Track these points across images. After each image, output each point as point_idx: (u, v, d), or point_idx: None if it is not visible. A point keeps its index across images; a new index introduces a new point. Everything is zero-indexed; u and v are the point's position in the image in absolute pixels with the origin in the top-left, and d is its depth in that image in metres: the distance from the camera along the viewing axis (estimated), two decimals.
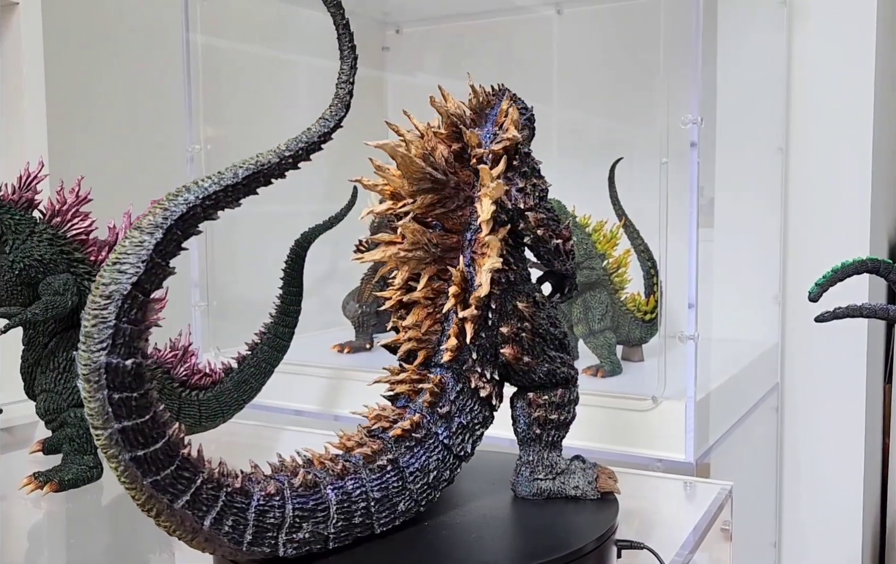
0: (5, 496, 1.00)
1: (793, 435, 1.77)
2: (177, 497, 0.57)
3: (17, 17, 1.32)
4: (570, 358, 0.79)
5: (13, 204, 0.97)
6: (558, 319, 0.79)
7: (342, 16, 0.67)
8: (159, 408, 0.56)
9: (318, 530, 0.64)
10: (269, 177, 0.63)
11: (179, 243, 0.58)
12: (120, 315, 0.54)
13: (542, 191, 0.79)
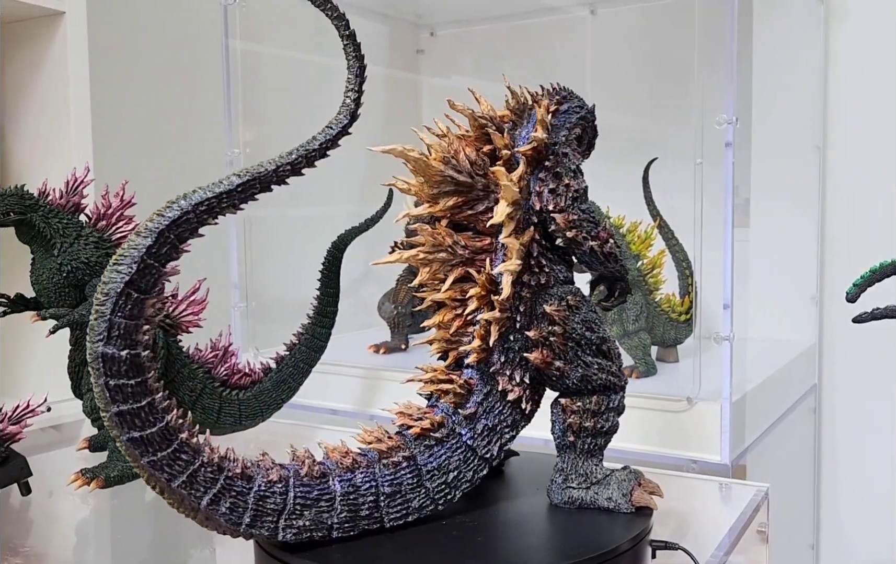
0: (54, 491, 1.03)
1: (831, 436, 1.75)
2: (174, 477, 0.62)
3: (64, 25, 1.35)
4: (614, 364, 0.76)
5: (61, 208, 1.00)
6: (596, 323, 0.76)
7: (346, 26, 0.69)
8: (157, 396, 0.62)
9: (320, 519, 0.67)
10: (267, 185, 0.66)
11: (175, 246, 0.62)
12: (115, 310, 0.60)
13: (576, 192, 0.76)
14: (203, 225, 0.64)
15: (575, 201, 0.76)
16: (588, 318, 0.75)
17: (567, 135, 0.79)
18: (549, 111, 0.78)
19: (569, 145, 0.79)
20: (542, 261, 0.75)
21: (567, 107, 0.81)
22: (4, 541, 0.91)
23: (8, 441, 0.97)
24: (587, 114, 0.82)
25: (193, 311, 1.07)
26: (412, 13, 1.96)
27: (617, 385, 0.76)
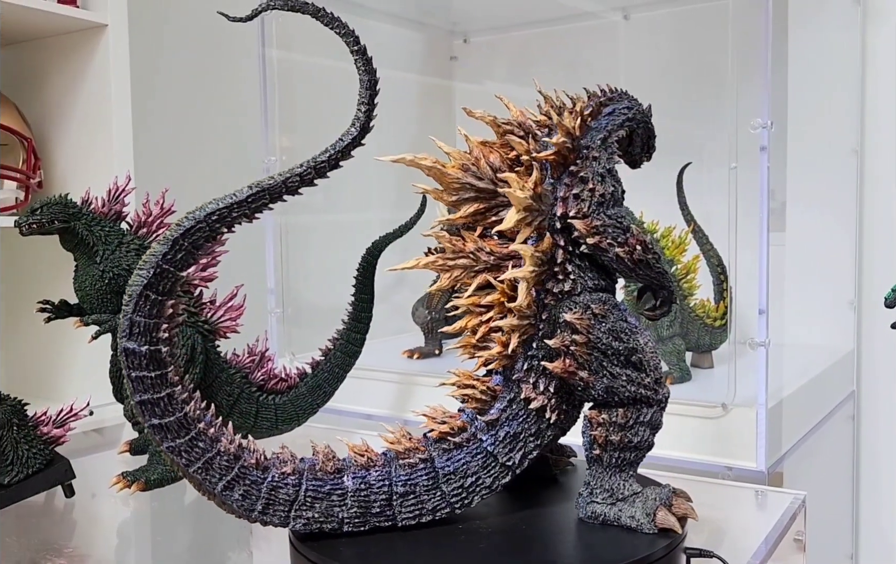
0: (96, 493, 1.05)
1: (870, 443, 1.73)
2: (191, 462, 0.69)
3: (106, 38, 1.38)
4: (648, 377, 0.73)
5: (103, 216, 1.02)
6: (627, 333, 0.73)
7: (356, 42, 0.71)
8: (177, 389, 0.68)
9: (331, 512, 0.71)
10: (277, 196, 0.70)
11: (190, 253, 0.68)
12: (135, 310, 0.66)
13: (601, 197, 0.74)
14: (217, 234, 0.68)
15: (601, 206, 0.74)
16: (616, 328, 0.73)
17: (605, 138, 0.77)
18: (581, 115, 0.76)
19: (605, 148, 0.76)
20: (567, 268, 0.74)
21: (612, 109, 0.79)
22: (49, 542, 0.93)
23: (53, 444, 0.99)
24: (636, 115, 0.80)
25: (231, 317, 1.09)
26: (446, 21, 1.97)
27: (651, 399, 0.73)
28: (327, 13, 0.71)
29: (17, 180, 1.38)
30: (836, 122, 1.71)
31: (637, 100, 0.82)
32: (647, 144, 0.84)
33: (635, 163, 0.85)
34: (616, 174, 0.77)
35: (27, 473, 0.96)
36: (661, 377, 0.74)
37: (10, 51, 1.53)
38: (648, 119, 0.82)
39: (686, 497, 0.75)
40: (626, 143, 0.81)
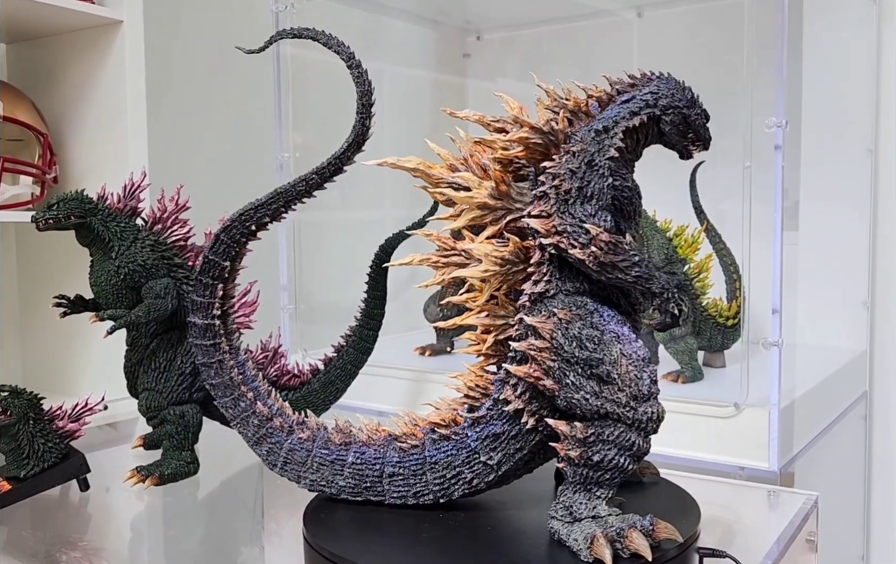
0: (110, 488, 1.06)
1: (882, 444, 1.72)
2: (233, 418, 0.86)
3: (121, 34, 1.39)
4: (619, 392, 0.67)
5: (118, 212, 1.03)
6: (594, 342, 0.68)
7: (351, 56, 0.80)
8: (226, 356, 0.86)
9: (332, 479, 0.80)
10: (290, 199, 0.84)
11: (229, 246, 0.84)
12: (195, 291, 0.86)
13: (566, 194, 0.70)
14: (249, 230, 0.84)
15: (565, 204, 0.71)
16: (582, 335, 0.68)
17: (607, 128, 0.72)
18: (580, 108, 0.74)
19: (600, 140, 0.72)
20: (543, 269, 0.72)
21: (630, 97, 0.74)
22: (64, 535, 0.94)
23: (68, 438, 1.00)
24: (660, 101, 0.73)
25: (244, 313, 1.09)
26: (460, 18, 1.97)
27: (620, 416, 0.67)
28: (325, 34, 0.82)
29: (33, 176, 1.39)
30: (851, 121, 1.70)
31: (674, 84, 0.75)
32: (686, 131, 0.75)
33: (683, 152, 0.76)
34: (601, 167, 0.71)
35: (43, 467, 0.97)
36: (644, 395, 0.68)
37: (27, 46, 1.54)
38: (684, 104, 0.74)
39: (669, 533, 0.68)
40: (650, 132, 0.74)
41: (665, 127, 0.74)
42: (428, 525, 0.75)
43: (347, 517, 0.78)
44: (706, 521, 0.75)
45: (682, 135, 0.75)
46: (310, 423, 0.83)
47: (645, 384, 0.68)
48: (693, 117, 0.74)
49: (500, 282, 0.73)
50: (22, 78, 1.52)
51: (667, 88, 0.74)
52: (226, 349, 0.86)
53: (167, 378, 1.03)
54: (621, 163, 0.73)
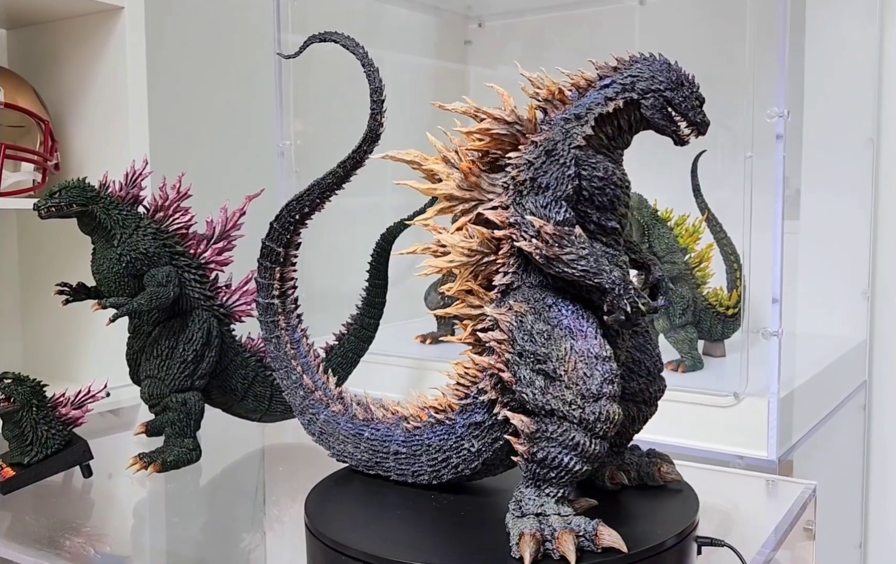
0: (113, 474, 1.06)
1: (881, 434, 1.73)
2: (285, 388, 0.92)
3: (122, 20, 1.38)
4: (567, 390, 0.65)
5: (120, 200, 1.03)
6: (546, 337, 0.67)
7: (366, 56, 0.85)
8: (283, 333, 0.93)
9: (352, 451, 0.84)
10: (323, 192, 0.92)
11: (281, 233, 0.92)
12: (258, 274, 0.94)
13: (520, 186, 0.70)
14: (295, 219, 0.92)
15: (519, 195, 0.70)
16: (534, 329, 0.67)
17: (579, 116, 0.70)
18: (554, 95, 0.72)
19: (564, 131, 0.70)
20: (510, 261, 0.71)
21: (609, 82, 0.71)
22: (67, 521, 0.94)
23: (71, 425, 1.00)
24: (637, 84, 0.70)
25: (246, 301, 1.10)
26: (461, 5, 1.96)
27: (565, 415, 0.65)
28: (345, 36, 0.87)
29: (35, 162, 1.39)
30: (853, 111, 1.70)
31: (657, 66, 0.71)
32: (672, 115, 0.71)
33: (675, 138, 0.72)
34: (561, 156, 0.69)
35: (46, 453, 0.98)
36: (593, 394, 0.65)
37: (27, 32, 1.53)
38: (665, 86, 0.70)
39: (612, 542, 0.65)
40: (632, 118, 0.71)
41: (645, 111, 0.70)
42: (428, 512, 0.76)
43: (349, 503, 0.79)
44: (705, 510, 0.76)
45: (667, 120, 0.71)
46: (345, 398, 0.87)
47: (594, 382, 0.65)
48: (678, 100, 0.70)
49: (472, 273, 0.73)
50: (22, 64, 1.51)
51: (648, 71, 0.71)
52: (283, 326, 0.93)
53: (169, 365, 1.03)
54: (593, 152, 0.70)
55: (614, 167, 0.71)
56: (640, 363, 0.77)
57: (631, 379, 0.76)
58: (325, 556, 0.70)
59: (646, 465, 0.80)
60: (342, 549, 0.68)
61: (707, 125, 0.72)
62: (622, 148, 0.73)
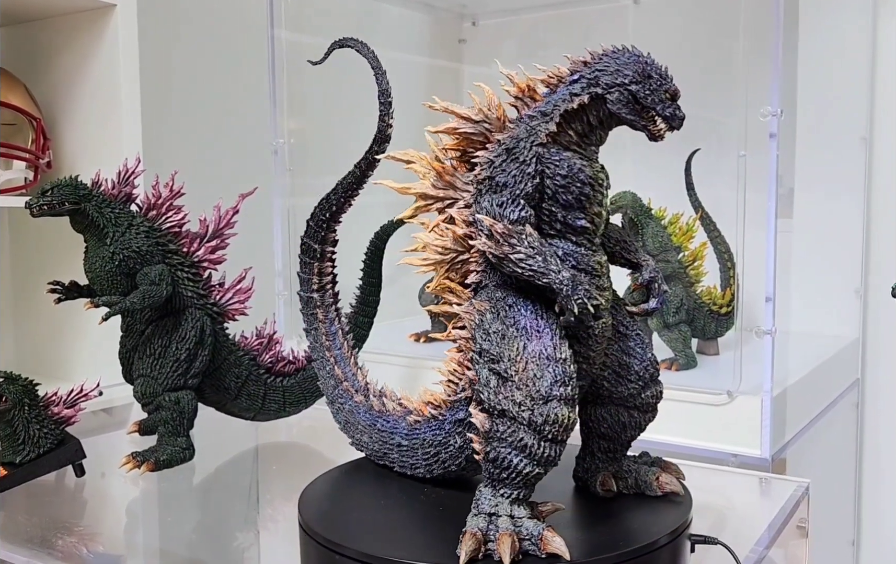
0: (105, 473, 1.06)
1: (873, 431, 1.73)
2: (321, 378, 0.95)
3: (115, 18, 1.38)
4: (518, 391, 0.65)
5: (113, 198, 1.03)
6: (501, 337, 0.67)
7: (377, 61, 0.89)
8: (321, 326, 0.96)
9: (367, 441, 0.87)
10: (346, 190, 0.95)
11: (316, 230, 0.95)
12: (300, 270, 0.97)
13: (480, 184, 0.70)
14: (325, 217, 0.95)
15: (480, 193, 0.70)
16: (491, 329, 0.68)
17: (544, 113, 0.70)
18: (524, 93, 0.72)
19: (528, 129, 0.70)
20: (480, 259, 0.72)
21: (577, 77, 0.70)
22: (60, 520, 0.94)
23: (63, 424, 1.00)
24: (602, 79, 0.68)
25: (240, 300, 1.10)
26: (455, 3, 1.96)
27: (515, 416, 0.65)
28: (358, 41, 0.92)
29: (27, 160, 1.39)
30: (846, 110, 1.70)
31: (624, 59, 0.69)
32: (640, 110, 0.69)
33: (648, 134, 0.70)
34: (522, 154, 0.69)
35: (38, 453, 0.97)
36: (542, 395, 0.64)
37: (19, 29, 1.53)
38: (630, 80, 0.68)
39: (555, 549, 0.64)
40: (600, 113, 0.69)
41: (611, 106, 0.68)
42: (420, 508, 0.76)
43: (342, 502, 0.79)
44: (698, 508, 0.76)
45: (636, 114, 0.69)
46: (370, 390, 0.90)
47: (544, 384, 0.64)
48: (644, 94, 0.68)
49: (448, 271, 0.73)
50: (14, 61, 1.51)
51: (615, 64, 0.69)
52: (321, 318, 0.95)
53: (162, 364, 1.03)
54: (559, 149, 0.69)
55: (584, 164, 0.70)
56: (628, 367, 0.75)
57: (619, 383, 0.75)
58: (319, 555, 0.70)
59: (644, 473, 0.78)
60: (336, 548, 0.68)
61: (680, 119, 0.69)
62: (595, 144, 0.72)
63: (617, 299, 0.76)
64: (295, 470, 1.12)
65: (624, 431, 0.77)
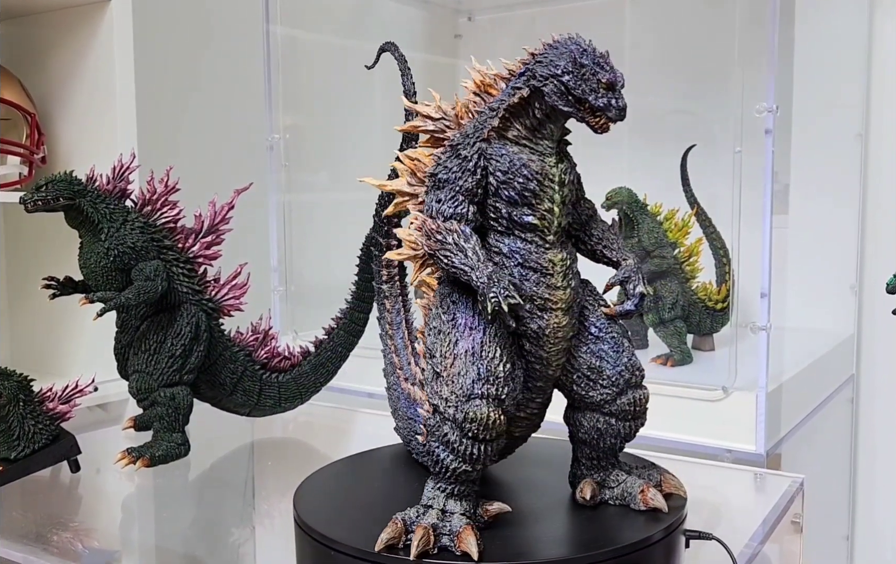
0: (101, 469, 1.06)
1: (868, 427, 1.74)
2: (385, 366, 0.95)
3: (109, 13, 1.37)
4: (445, 387, 0.66)
5: (108, 194, 1.03)
6: (442, 335, 0.68)
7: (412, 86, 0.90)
8: (387, 314, 0.95)
9: (401, 426, 0.91)
10: None
11: (379, 224, 0.95)
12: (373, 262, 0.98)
13: (427, 180, 0.71)
14: (383, 227, 0.95)
15: (427, 191, 0.71)
16: (436, 326, 0.69)
17: (490, 109, 0.70)
18: (480, 89, 0.72)
19: (475, 125, 0.70)
20: None
21: (524, 70, 0.69)
22: (55, 516, 0.94)
23: (58, 419, 1.00)
24: (538, 70, 0.67)
25: (235, 295, 1.09)
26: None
27: (442, 411, 0.66)
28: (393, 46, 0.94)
29: (21, 155, 1.38)
30: (842, 106, 1.71)
31: (559, 50, 0.67)
32: (575, 102, 0.66)
33: (590, 126, 0.67)
34: (464, 150, 0.69)
35: (33, 448, 0.97)
36: (465, 393, 0.65)
37: (14, 24, 1.52)
38: (562, 70, 0.66)
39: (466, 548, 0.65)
40: (544, 106, 0.68)
41: (548, 99, 0.67)
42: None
43: (338, 498, 0.79)
44: (693, 504, 0.76)
45: (572, 106, 0.67)
46: (416, 379, 0.88)
47: (467, 381, 0.65)
48: (575, 83, 0.66)
49: (420, 266, 0.72)
50: (9, 56, 1.50)
51: (553, 55, 0.67)
52: (388, 308, 0.96)
53: (157, 360, 1.03)
54: (505, 144, 0.69)
55: (531, 158, 0.68)
56: (600, 371, 0.72)
57: (590, 387, 0.72)
58: (315, 550, 0.70)
59: (630, 485, 0.74)
60: (331, 544, 0.68)
61: (617, 109, 0.66)
62: (549, 138, 0.69)
63: (595, 299, 0.74)
64: (290, 466, 1.12)
65: (602, 438, 0.73)
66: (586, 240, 0.74)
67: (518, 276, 0.69)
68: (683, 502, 0.75)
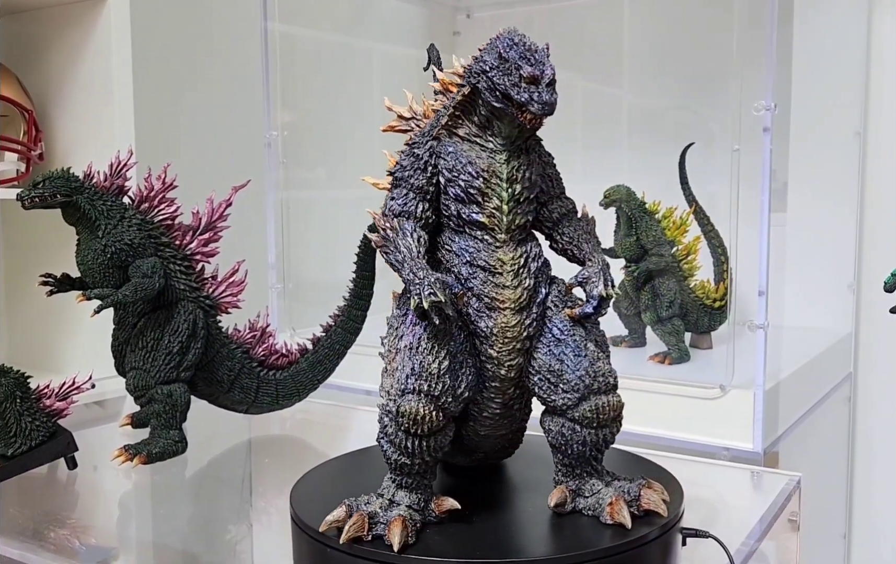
0: (98, 466, 1.06)
1: (865, 425, 1.74)
2: None
3: (107, 9, 1.37)
4: (389, 379, 0.67)
5: (105, 190, 1.02)
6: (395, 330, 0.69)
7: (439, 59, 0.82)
8: None
9: None
10: None
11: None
12: None
13: (389, 175, 0.72)
14: None
15: (391, 187, 0.73)
16: (391, 321, 0.72)
17: (444, 107, 0.71)
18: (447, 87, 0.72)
19: (430, 124, 0.71)
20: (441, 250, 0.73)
21: (467, 70, 0.69)
22: (52, 513, 0.94)
23: (55, 416, 1.00)
24: (473, 68, 0.67)
25: (232, 292, 1.09)
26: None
27: (386, 404, 0.68)
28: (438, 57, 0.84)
29: (18, 152, 1.38)
30: (840, 105, 1.71)
31: (491, 46, 0.66)
32: (501, 96, 0.65)
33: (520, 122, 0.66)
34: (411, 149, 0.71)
35: (30, 445, 0.97)
36: (400, 388, 0.66)
37: (11, 21, 1.52)
38: (489, 66, 0.65)
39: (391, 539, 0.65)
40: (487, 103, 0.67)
41: (483, 96, 0.66)
42: None
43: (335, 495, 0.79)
44: (690, 501, 0.76)
45: (500, 101, 0.65)
46: None
47: (403, 376, 0.66)
48: (498, 79, 0.64)
49: None
50: (6, 53, 1.50)
51: (485, 51, 0.66)
52: None
53: (155, 357, 1.02)
54: (456, 141, 0.69)
55: (478, 155, 0.68)
56: (560, 375, 0.69)
57: (550, 391, 0.70)
58: (311, 547, 0.70)
59: (603, 495, 0.71)
60: (327, 541, 0.68)
61: (541, 105, 0.64)
62: (499, 136, 0.68)
63: (562, 300, 0.71)
64: (287, 464, 1.12)
65: (568, 445, 0.70)
66: (558, 239, 0.74)
67: (465, 274, 0.69)
68: (680, 500, 0.75)
